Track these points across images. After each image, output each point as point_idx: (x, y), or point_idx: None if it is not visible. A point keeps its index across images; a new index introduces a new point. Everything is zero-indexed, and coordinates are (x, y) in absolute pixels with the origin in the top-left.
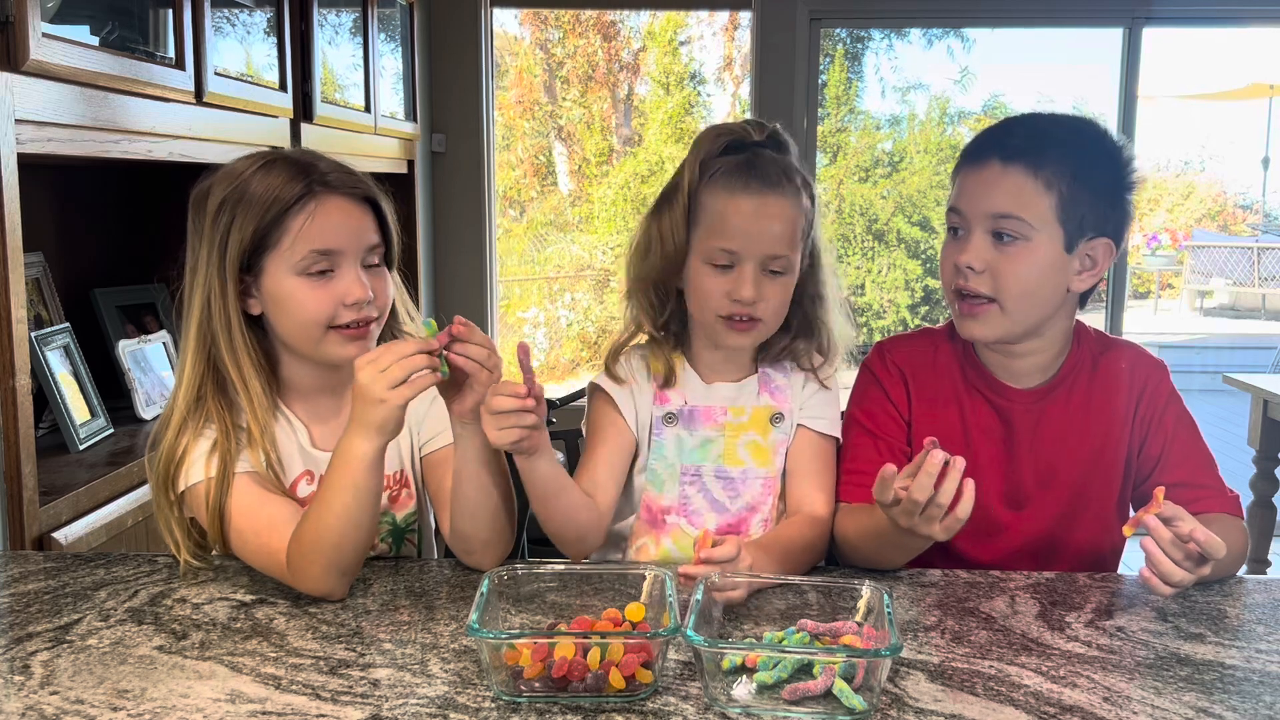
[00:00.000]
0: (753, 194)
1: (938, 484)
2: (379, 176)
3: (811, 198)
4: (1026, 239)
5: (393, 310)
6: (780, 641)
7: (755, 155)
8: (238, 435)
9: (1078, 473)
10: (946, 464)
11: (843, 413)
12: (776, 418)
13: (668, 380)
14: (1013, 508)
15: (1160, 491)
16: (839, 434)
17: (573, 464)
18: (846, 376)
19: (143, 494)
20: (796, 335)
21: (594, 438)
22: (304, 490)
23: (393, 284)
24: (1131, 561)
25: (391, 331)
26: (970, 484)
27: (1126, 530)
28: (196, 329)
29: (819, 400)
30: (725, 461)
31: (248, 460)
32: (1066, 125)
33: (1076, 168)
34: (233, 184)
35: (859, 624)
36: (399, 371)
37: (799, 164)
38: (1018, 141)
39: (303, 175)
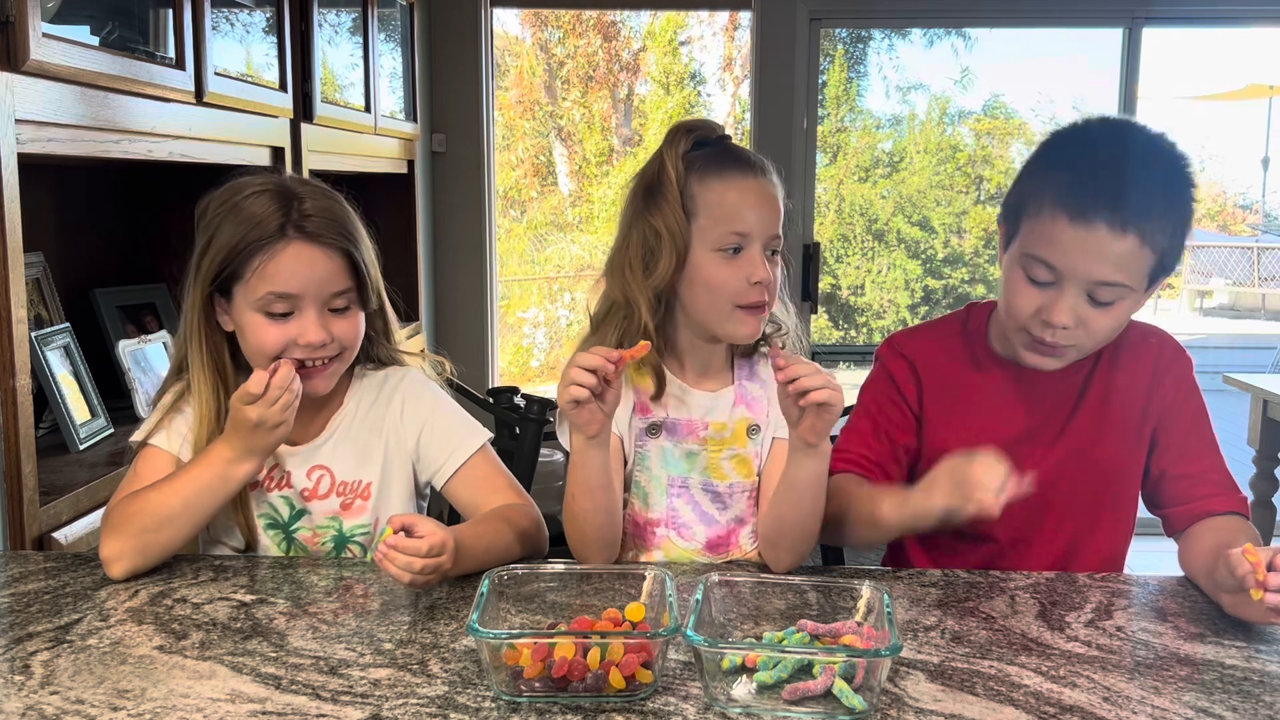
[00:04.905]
0: (748, 176)
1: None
2: (379, 177)
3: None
4: (1122, 299)
5: (376, 339)
6: (780, 641)
7: (729, 145)
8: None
9: (1111, 447)
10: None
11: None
12: (753, 429)
13: (655, 389)
14: (1053, 488)
15: (1245, 550)
16: None
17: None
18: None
19: None
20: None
21: None
22: (274, 485)
23: (362, 322)
24: (1134, 563)
25: (376, 358)
26: None
27: (1255, 595)
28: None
29: None
30: (712, 475)
31: (164, 439)
32: (1166, 168)
33: (1176, 223)
34: (227, 199)
35: (859, 624)
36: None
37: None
38: (1133, 206)
39: (282, 213)
